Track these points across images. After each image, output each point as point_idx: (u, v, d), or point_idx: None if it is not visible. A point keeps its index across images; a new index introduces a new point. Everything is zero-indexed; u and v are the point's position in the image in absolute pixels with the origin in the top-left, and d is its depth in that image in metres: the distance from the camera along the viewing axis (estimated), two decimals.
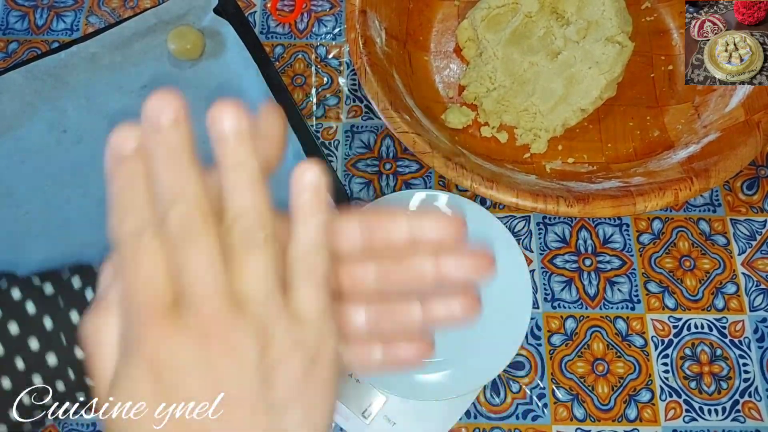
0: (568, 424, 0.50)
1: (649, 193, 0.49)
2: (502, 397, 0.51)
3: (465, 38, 0.62)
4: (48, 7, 0.66)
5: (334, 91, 0.62)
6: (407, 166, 0.59)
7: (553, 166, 0.57)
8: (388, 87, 0.54)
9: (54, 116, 0.59)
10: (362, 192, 0.58)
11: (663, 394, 0.51)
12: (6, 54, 0.63)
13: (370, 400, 0.49)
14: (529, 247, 0.56)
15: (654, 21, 0.64)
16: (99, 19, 0.65)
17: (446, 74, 0.62)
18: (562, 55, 0.58)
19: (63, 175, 0.57)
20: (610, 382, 0.52)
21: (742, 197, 0.58)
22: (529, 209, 0.49)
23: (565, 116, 0.57)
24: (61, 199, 0.56)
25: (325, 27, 0.65)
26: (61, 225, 0.55)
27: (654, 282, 0.55)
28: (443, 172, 0.50)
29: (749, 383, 0.52)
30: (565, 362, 0.52)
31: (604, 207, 0.49)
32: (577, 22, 0.58)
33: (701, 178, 0.50)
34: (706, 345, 0.53)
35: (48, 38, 0.64)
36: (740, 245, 0.56)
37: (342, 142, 0.60)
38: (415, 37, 0.63)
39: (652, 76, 0.62)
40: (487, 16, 0.60)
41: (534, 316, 0.53)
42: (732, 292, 0.55)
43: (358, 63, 0.55)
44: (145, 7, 0.65)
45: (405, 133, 0.52)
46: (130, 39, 0.61)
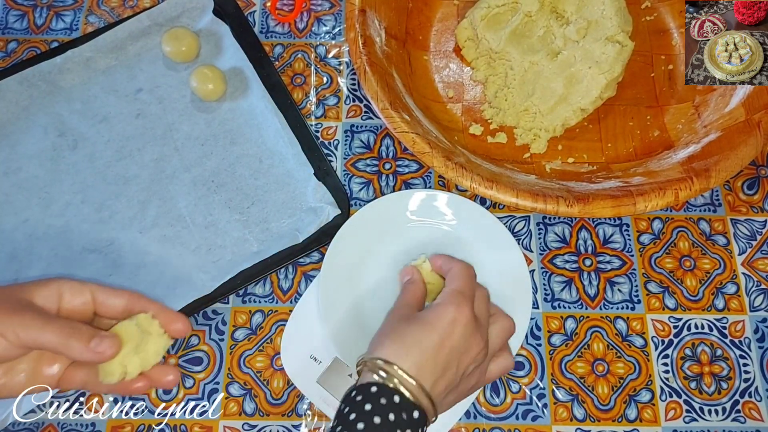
0: (568, 425, 0.50)
1: (649, 193, 0.49)
2: (502, 397, 0.51)
3: (464, 38, 0.62)
4: (47, 7, 0.66)
5: (334, 91, 0.62)
6: (407, 166, 0.59)
7: (553, 166, 0.57)
8: (388, 86, 0.54)
9: (49, 121, 0.59)
10: (362, 192, 0.58)
11: (663, 395, 0.51)
12: (5, 53, 0.63)
13: None
14: (529, 247, 0.56)
15: (654, 21, 0.64)
16: (98, 18, 0.65)
17: (446, 74, 0.62)
18: (562, 55, 0.58)
19: (60, 180, 0.57)
20: (610, 382, 0.52)
21: (743, 197, 0.58)
22: (529, 209, 0.49)
23: (565, 116, 0.57)
24: (60, 205, 0.56)
25: (324, 26, 0.65)
26: (62, 231, 0.55)
27: (654, 282, 0.55)
28: (443, 172, 0.50)
29: (749, 383, 0.52)
30: (565, 362, 0.52)
31: (604, 207, 0.49)
32: (576, 22, 0.58)
33: (701, 177, 0.50)
34: (707, 345, 0.53)
35: (47, 38, 0.64)
36: (740, 245, 0.56)
37: (342, 141, 0.60)
38: (415, 36, 0.63)
39: (652, 75, 0.62)
40: (486, 16, 0.60)
41: (534, 316, 0.53)
42: (732, 292, 0.55)
43: (358, 62, 0.55)
44: (145, 6, 0.65)
45: (404, 133, 0.51)
46: (125, 42, 0.61)
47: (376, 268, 0.52)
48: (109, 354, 0.35)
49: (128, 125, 0.59)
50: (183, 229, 0.55)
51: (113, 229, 0.55)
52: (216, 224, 0.55)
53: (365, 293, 0.51)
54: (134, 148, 0.58)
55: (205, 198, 0.56)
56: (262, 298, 0.54)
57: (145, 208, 0.56)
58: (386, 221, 0.53)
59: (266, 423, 0.50)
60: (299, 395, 0.51)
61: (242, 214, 0.56)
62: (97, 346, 0.35)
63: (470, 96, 0.61)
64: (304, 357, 0.50)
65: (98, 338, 0.35)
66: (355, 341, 0.49)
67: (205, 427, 0.50)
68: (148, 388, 0.38)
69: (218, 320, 0.53)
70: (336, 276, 0.51)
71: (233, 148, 0.58)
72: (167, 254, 0.54)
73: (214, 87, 0.58)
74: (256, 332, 0.53)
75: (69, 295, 0.38)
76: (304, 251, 0.53)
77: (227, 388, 0.51)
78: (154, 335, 0.38)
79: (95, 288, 0.38)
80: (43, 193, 0.56)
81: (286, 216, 0.56)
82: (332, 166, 0.58)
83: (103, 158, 0.58)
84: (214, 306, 0.53)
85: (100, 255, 0.54)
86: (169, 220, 0.55)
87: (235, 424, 0.50)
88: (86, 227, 0.55)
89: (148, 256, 0.54)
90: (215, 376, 0.51)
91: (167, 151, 0.58)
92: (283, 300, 0.54)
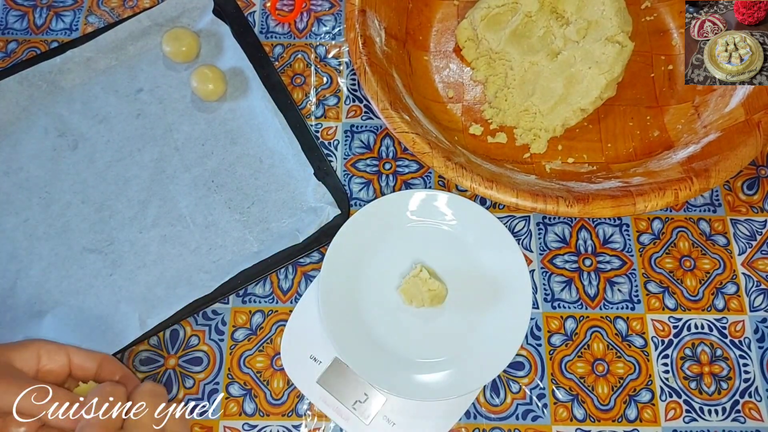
0: (568, 425, 0.50)
1: (649, 193, 0.49)
2: (502, 398, 0.51)
3: (464, 38, 0.62)
4: (47, 7, 0.66)
5: (334, 91, 0.62)
6: (407, 166, 0.59)
7: (553, 166, 0.57)
8: (388, 87, 0.54)
9: (49, 121, 0.59)
10: (362, 192, 0.58)
11: (663, 395, 0.51)
12: (5, 53, 0.63)
13: (370, 401, 0.49)
14: (529, 247, 0.56)
15: (654, 21, 0.64)
16: (98, 18, 0.65)
17: (446, 74, 0.62)
18: (562, 55, 0.58)
19: (61, 180, 0.57)
20: (610, 382, 0.52)
21: (743, 197, 0.58)
22: (529, 209, 0.49)
23: (565, 116, 0.57)
24: (60, 205, 0.56)
25: (324, 27, 0.65)
26: (62, 231, 0.55)
27: (654, 282, 0.55)
28: (443, 172, 0.50)
29: (749, 383, 0.52)
30: (565, 362, 0.52)
31: (604, 207, 0.49)
32: (576, 22, 0.58)
33: (701, 178, 0.50)
34: (707, 345, 0.53)
35: (47, 38, 0.64)
36: (740, 245, 0.56)
37: (342, 141, 0.60)
38: (415, 36, 0.63)
39: (652, 76, 0.62)
40: (486, 16, 0.60)
41: (534, 316, 0.53)
42: (732, 292, 0.55)
43: (358, 63, 0.55)
44: (145, 6, 0.65)
45: (404, 133, 0.51)
46: (125, 42, 0.61)
47: (376, 268, 0.52)
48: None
49: (128, 125, 0.59)
50: (183, 229, 0.55)
51: (113, 229, 0.55)
52: (216, 224, 0.55)
53: (365, 293, 0.51)
54: (134, 148, 0.58)
55: (206, 198, 0.56)
56: (262, 298, 0.54)
57: (145, 208, 0.56)
58: (386, 221, 0.53)
59: (266, 423, 0.50)
60: (299, 395, 0.51)
61: (242, 214, 0.56)
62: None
63: (470, 96, 0.61)
64: (304, 357, 0.50)
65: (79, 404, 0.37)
66: (355, 341, 0.49)
67: (205, 427, 0.50)
68: None
69: (218, 320, 0.53)
70: (336, 276, 0.51)
71: (233, 148, 0.58)
72: (167, 254, 0.54)
73: (215, 87, 0.58)
74: (256, 332, 0.53)
75: (46, 358, 0.40)
76: (304, 251, 0.53)
77: (227, 388, 0.51)
78: None
79: (72, 351, 0.41)
80: (44, 193, 0.56)
81: (286, 216, 0.56)
82: (332, 166, 0.58)
83: (104, 158, 0.58)
84: (214, 306, 0.53)
85: (100, 255, 0.54)
86: (169, 220, 0.55)
87: (235, 424, 0.50)
88: (86, 227, 0.55)
89: (148, 256, 0.54)
90: (215, 376, 0.51)
91: (167, 151, 0.58)
92: (283, 300, 0.54)
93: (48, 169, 0.57)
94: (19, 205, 0.56)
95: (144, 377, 0.51)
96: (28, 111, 0.59)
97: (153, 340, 0.52)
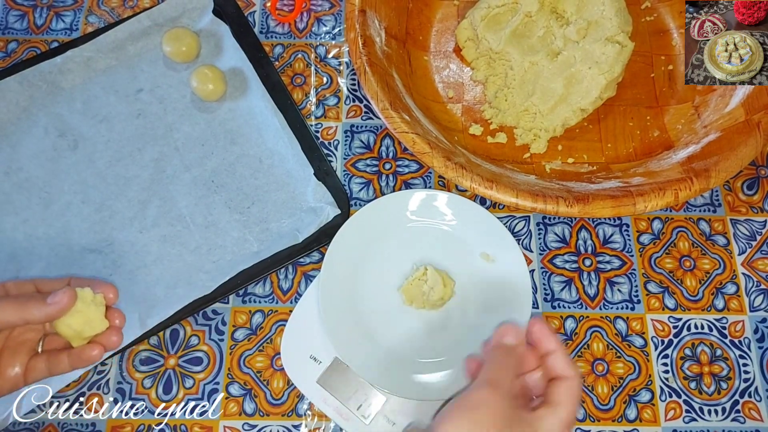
0: None
1: (649, 193, 0.49)
2: None
3: (465, 38, 0.62)
4: (47, 7, 0.66)
5: (334, 91, 0.62)
6: (407, 166, 0.59)
7: (553, 166, 0.57)
8: (388, 87, 0.54)
9: (49, 121, 0.59)
10: (362, 192, 0.58)
11: (663, 395, 0.51)
12: (5, 53, 0.63)
13: (370, 400, 0.49)
14: (529, 247, 0.56)
15: (654, 21, 0.64)
16: (98, 18, 0.65)
17: (446, 74, 0.62)
18: (562, 55, 0.58)
19: (61, 180, 0.57)
20: (610, 382, 0.52)
21: (743, 197, 0.58)
22: (529, 209, 0.49)
23: (565, 116, 0.57)
24: (60, 205, 0.56)
25: (324, 27, 0.65)
26: (62, 231, 0.55)
27: (654, 282, 0.55)
28: (443, 172, 0.50)
29: (749, 383, 0.52)
30: None
31: (604, 207, 0.49)
32: (576, 22, 0.58)
33: (701, 178, 0.50)
34: (706, 345, 0.53)
35: (47, 38, 0.64)
36: (740, 245, 0.56)
37: (342, 141, 0.60)
38: (415, 36, 0.63)
39: (652, 76, 0.62)
40: (486, 16, 0.60)
41: (534, 316, 0.53)
42: (732, 292, 0.55)
43: (358, 63, 0.55)
44: (145, 6, 0.65)
45: (404, 133, 0.51)
46: (125, 42, 0.61)
47: (376, 267, 0.52)
48: (66, 302, 0.38)
49: (128, 125, 0.59)
50: (183, 229, 0.55)
51: (113, 229, 0.55)
52: (216, 224, 0.55)
53: (365, 293, 0.51)
54: (134, 148, 0.58)
55: (205, 198, 0.56)
56: (262, 298, 0.54)
57: (145, 208, 0.56)
58: (386, 221, 0.53)
59: (266, 423, 0.50)
60: (299, 395, 0.51)
61: (242, 214, 0.56)
62: (54, 298, 0.38)
63: (470, 96, 0.61)
64: (304, 357, 0.50)
65: (52, 294, 0.38)
66: (355, 341, 0.49)
67: (205, 427, 0.50)
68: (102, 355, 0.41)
69: (218, 320, 0.53)
70: (336, 276, 0.51)
71: (233, 148, 0.58)
72: (167, 254, 0.54)
73: (215, 87, 0.58)
74: (256, 332, 0.53)
75: (13, 286, 0.41)
76: (304, 251, 0.53)
77: (227, 388, 0.51)
78: (97, 305, 0.41)
79: (37, 280, 0.42)
80: (43, 193, 0.56)
81: (286, 216, 0.56)
82: (332, 166, 0.58)
83: (104, 158, 0.58)
84: (214, 306, 0.53)
85: (100, 255, 0.54)
86: (169, 220, 0.55)
87: (235, 424, 0.50)
88: (86, 227, 0.55)
89: (148, 256, 0.54)
90: (215, 376, 0.51)
91: (167, 151, 0.58)
92: (283, 300, 0.54)
93: (48, 169, 0.57)
94: (19, 205, 0.56)
95: (144, 377, 0.51)
96: (28, 111, 0.59)
97: (153, 339, 0.52)
